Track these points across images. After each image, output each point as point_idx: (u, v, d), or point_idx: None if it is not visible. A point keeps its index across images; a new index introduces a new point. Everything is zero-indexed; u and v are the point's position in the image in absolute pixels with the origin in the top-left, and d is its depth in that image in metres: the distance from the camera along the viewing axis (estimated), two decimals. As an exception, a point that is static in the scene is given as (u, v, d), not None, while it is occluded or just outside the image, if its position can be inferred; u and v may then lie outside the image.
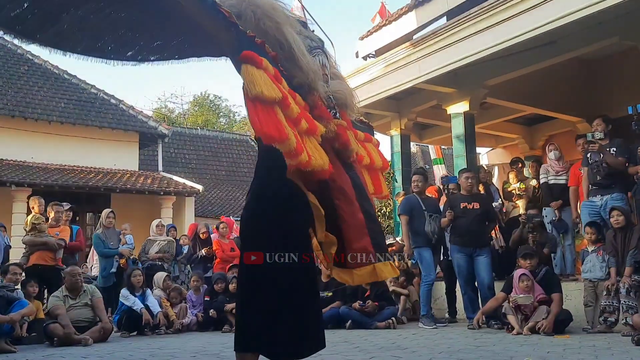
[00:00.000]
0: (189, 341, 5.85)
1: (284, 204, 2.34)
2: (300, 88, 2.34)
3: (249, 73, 2.01)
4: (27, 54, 17.82)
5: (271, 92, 1.99)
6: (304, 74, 2.34)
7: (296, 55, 2.33)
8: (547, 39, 6.79)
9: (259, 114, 1.99)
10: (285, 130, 2.00)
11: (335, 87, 2.66)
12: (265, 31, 2.33)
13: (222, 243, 8.53)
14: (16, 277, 6.14)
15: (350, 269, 2.36)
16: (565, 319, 5.58)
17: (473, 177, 6.75)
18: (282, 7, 2.49)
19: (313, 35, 2.65)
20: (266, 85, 2.00)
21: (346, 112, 2.72)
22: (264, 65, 2.07)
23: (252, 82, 1.99)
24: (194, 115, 35.31)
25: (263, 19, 2.34)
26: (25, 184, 13.49)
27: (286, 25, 2.37)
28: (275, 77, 2.12)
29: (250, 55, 2.06)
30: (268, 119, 1.99)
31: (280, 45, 2.34)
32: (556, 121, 10.19)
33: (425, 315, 6.58)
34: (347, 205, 2.36)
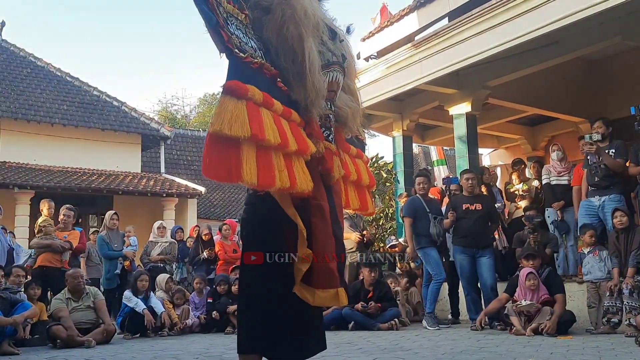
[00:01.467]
0: (192, 343, 5.85)
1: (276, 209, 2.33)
2: (299, 103, 2.31)
3: (221, 105, 1.95)
4: (29, 56, 17.89)
5: (236, 130, 1.91)
6: (306, 92, 2.29)
7: (305, 72, 2.27)
8: (549, 39, 6.79)
9: (212, 152, 1.94)
10: (240, 171, 1.94)
11: (342, 103, 2.62)
12: (285, 38, 2.27)
13: (225, 245, 8.54)
14: (19, 279, 6.15)
15: (314, 289, 2.31)
16: (569, 320, 5.57)
17: (474, 178, 6.74)
18: (315, 14, 2.38)
19: (338, 48, 2.57)
20: (234, 121, 1.92)
21: (343, 130, 2.70)
22: (249, 95, 2.00)
23: (217, 115, 1.93)
24: (200, 114, 35.33)
25: (289, 24, 2.26)
26: (28, 186, 13.52)
27: (309, 39, 2.29)
28: (263, 104, 2.07)
29: (233, 86, 1.98)
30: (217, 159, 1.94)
31: (293, 57, 2.28)
32: (558, 122, 10.18)
33: (430, 314, 6.56)
34: (322, 224, 2.34)
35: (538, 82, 8.52)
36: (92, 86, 17.92)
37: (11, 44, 17.96)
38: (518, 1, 6.44)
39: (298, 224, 2.28)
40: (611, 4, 5.62)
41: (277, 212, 2.32)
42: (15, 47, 17.95)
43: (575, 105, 9.29)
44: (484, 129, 10.12)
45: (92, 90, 17.74)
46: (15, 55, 17.74)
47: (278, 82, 2.25)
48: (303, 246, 2.29)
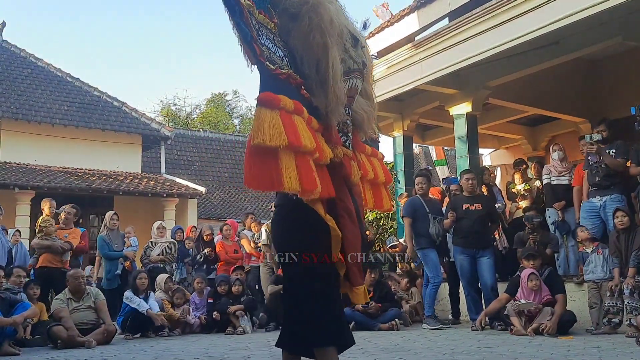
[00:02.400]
0: (193, 343, 5.86)
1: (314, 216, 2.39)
2: (318, 109, 2.38)
3: (258, 117, 2.05)
4: (30, 57, 17.90)
5: (274, 140, 2.01)
6: (327, 100, 2.36)
7: (328, 81, 2.33)
8: (549, 39, 6.79)
9: (254, 164, 2.04)
10: (282, 180, 2.04)
11: (358, 107, 2.69)
12: (310, 46, 2.33)
13: (226, 245, 8.54)
14: (20, 279, 6.15)
15: (353, 287, 2.50)
16: (569, 320, 5.57)
17: (474, 178, 6.74)
18: (340, 23, 2.44)
19: (359, 55, 2.63)
20: (272, 131, 2.02)
21: (359, 133, 2.78)
22: (281, 105, 2.10)
23: (257, 127, 2.03)
24: (204, 114, 35.33)
25: (315, 33, 2.32)
26: (29, 186, 13.53)
27: (333, 48, 2.35)
28: (295, 111, 2.16)
29: (267, 98, 2.08)
30: (261, 169, 2.04)
31: (317, 66, 2.35)
32: (559, 122, 10.18)
33: (430, 316, 6.58)
34: (350, 225, 2.43)
35: (538, 83, 8.52)
36: (93, 86, 17.92)
37: (12, 45, 17.97)
38: (518, 1, 6.44)
39: (332, 226, 2.35)
40: (611, 4, 5.62)
41: (311, 214, 2.37)
42: (15, 48, 17.96)
43: (576, 106, 9.29)
44: (485, 129, 10.12)
45: (92, 90, 17.74)
46: (16, 55, 17.75)
47: (302, 89, 2.33)
48: (337, 250, 2.39)
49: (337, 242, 2.38)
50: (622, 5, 5.66)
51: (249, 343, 5.67)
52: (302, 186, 2.08)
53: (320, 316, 2.45)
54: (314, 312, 2.45)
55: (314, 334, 2.45)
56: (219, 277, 7.62)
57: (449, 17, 7.72)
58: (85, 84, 17.87)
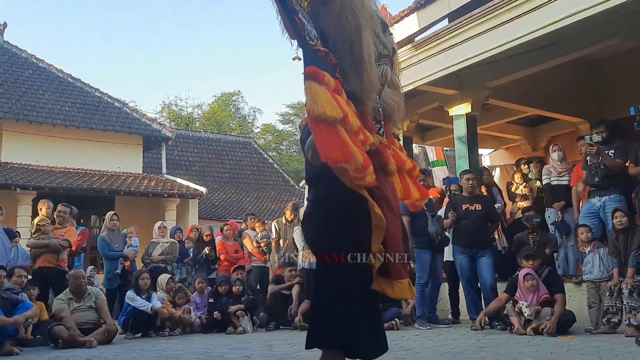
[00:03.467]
0: (193, 343, 5.88)
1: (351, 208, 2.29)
2: (352, 94, 2.30)
3: (312, 90, 1.99)
4: (31, 58, 17.93)
5: (333, 111, 1.96)
6: (361, 85, 2.29)
7: (363, 64, 2.27)
8: (549, 40, 6.80)
9: (324, 136, 1.95)
10: (351, 150, 1.96)
11: (387, 97, 2.62)
12: (343, 26, 2.27)
13: (226, 245, 8.56)
14: (21, 279, 6.17)
15: (392, 281, 2.35)
16: (569, 320, 5.58)
17: (474, 179, 6.76)
18: (370, 6, 2.40)
19: (388, 41, 2.58)
20: (329, 104, 1.96)
21: (389, 124, 2.70)
22: (326, 80, 2.05)
23: (314, 100, 1.96)
24: (208, 112, 35.36)
25: (347, 13, 2.25)
26: (30, 187, 13.56)
27: (367, 29, 2.30)
28: (336, 90, 2.10)
29: (313, 71, 2.03)
30: (332, 142, 1.95)
31: (351, 47, 2.28)
32: (558, 122, 10.19)
33: (420, 317, 6.62)
34: (391, 215, 2.34)
35: (538, 83, 8.53)
36: (94, 87, 17.96)
37: (13, 46, 18.00)
38: (518, 2, 6.46)
39: (377, 213, 2.22)
40: (611, 4, 5.64)
41: (349, 210, 2.28)
42: (17, 49, 17.99)
43: (575, 106, 9.30)
44: (484, 129, 10.13)
45: (93, 91, 17.78)
46: (17, 56, 17.78)
47: (337, 72, 2.25)
48: (379, 239, 2.27)
49: (381, 232, 2.27)
50: (621, 6, 5.67)
51: (250, 343, 5.69)
52: (364, 162, 2.00)
53: (330, 317, 2.36)
54: (325, 313, 2.38)
55: (317, 334, 2.38)
56: (220, 277, 7.64)
57: (449, 18, 7.73)
58: (87, 85, 17.91)
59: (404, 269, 2.40)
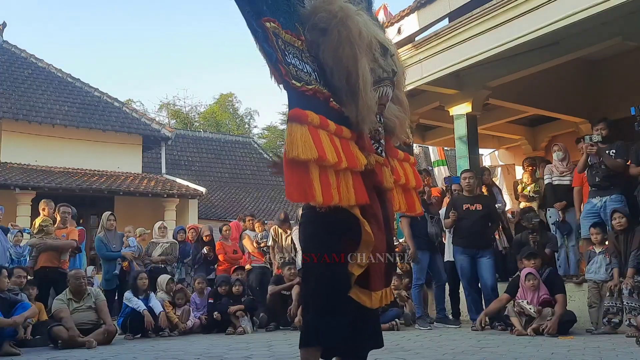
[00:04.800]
0: (193, 343, 5.86)
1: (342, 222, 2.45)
2: (350, 119, 2.46)
3: (291, 133, 2.14)
4: (30, 57, 17.92)
5: (307, 153, 2.12)
6: (358, 110, 2.42)
7: (359, 92, 2.40)
8: (549, 39, 6.79)
9: (293, 177, 2.14)
10: (313, 192, 2.15)
11: (390, 114, 2.77)
12: (340, 58, 2.40)
13: (225, 245, 8.55)
14: (20, 280, 6.16)
15: (371, 292, 2.51)
16: (570, 320, 5.58)
17: (472, 177, 6.74)
18: (368, 34, 2.51)
19: (389, 63, 2.69)
20: (304, 145, 2.12)
21: (391, 139, 2.86)
22: (309, 120, 2.20)
23: (291, 143, 2.12)
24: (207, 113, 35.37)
25: (344, 45, 2.39)
26: (29, 187, 13.55)
27: (363, 59, 2.42)
28: (320, 126, 2.25)
29: (296, 114, 2.18)
30: (298, 182, 2.14)
31: (347, 77, 2.42)
32: (559, 122, 10.18)
33: (420, 317, 6.62)
34: (377, 232, 2.50)
35: (538, 83, 8.52)
36: (93, 87, 17.95)
37: (12, 45, 17.99)
38: (518, 2, 6.44)
39: (366, 230, 2.42)
40: (611, 4, 5.62)
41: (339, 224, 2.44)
42: (16, 49, 17.98)
43: (576, 106, 9.29)
44: (485, 129, 10.12)
45: (93, 91, 17.77)
46: (17, 56, 17.77)
47: (331, 102, 2.41)
48: (366, 254, 2.45)
49: (369, 247, 2.45)
50: (622, 6, 5.66)
51: (250, 343, 5.68)
52: (323, 200, 2.18)
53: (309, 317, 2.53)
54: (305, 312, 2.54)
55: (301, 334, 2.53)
56: (220, 278, 7.62)
57: (449, 18, 7.72)
58: (86, 85, 17.90)
59: (382, 281, 2.59)
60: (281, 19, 2.29)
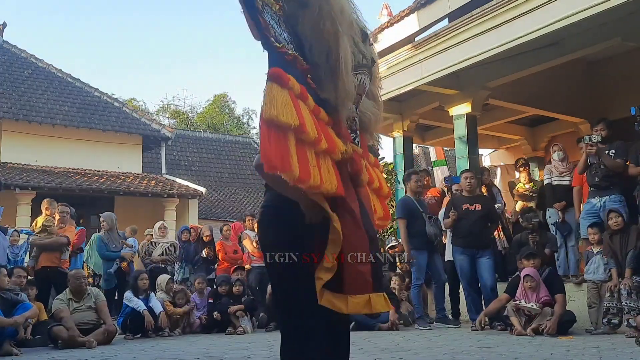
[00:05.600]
0: (193, 343, 5.87)
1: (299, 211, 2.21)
2: (326, 102, 2.24)
3: (270, 92, 1.91)
4: (31, 57, 17.91)
5: (288, 117, 1.88)
6: (336, 93, 2.23)
7: (338, 71, 2.21)
8: (549, 40, 6.80)
9: (270, 139, 1.89)
10: (290, 162, 1.89)
11: (365, 108, 2.57)
12: (320, 33, 2.21)
13: (225, 245, 8.56)
14: (20, 279, 6.16)
15: (346, 296, 2.18)
16: (569, 320, 5.58)
17: (472, 177, 6.74)
18: (351, 12, 2.37)
19: (368, 51, 2.52)
20: (285, 108, 1.89)
21: (365, 136, 2.65)
22: (290, 84, 1.98)
23: (270, 102, 1.89)
24: (203, 114, 35.36)
25: (325, 20, 2.20)
26: (29, 187, 13.54)
27: (344, 37, 2.25)
28: (300, 96, 2.03)
29: (277, 73, 1.96)
30: (275, 147, 1.89)
31: (327, 54, 2.22)
32: (559, 122, 10.18)
33: (420, 317, 6.63)
34: (356, 229, 2.23)
35: (538, 83, 8.53)
36: (93, 87, 17.94)
37: (12, 45, 17.99)
38: (518, 2, 6.45)
39: (332, 218, 2.11)
40: (611, 4, 5.63)
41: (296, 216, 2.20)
42: (16, 49, 17.98)
43: (575, 106, 9.30)
44: (484, 129, 10.12)
45: (93, 91, 17.76)
46: (17, 56, 17.76)
47: (308, 78, 2.19)
48: (334, 254, 2.15)
49: (336, 245, 2.15)
50: (621, 6, 5.67)
51: (250, 343, 5.68)
52: (300, 175, 1.90)
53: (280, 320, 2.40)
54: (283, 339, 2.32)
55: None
56: (220, 277, 7.63)
57: (449, 18, 7.73)
58: (86, 85, 17.89)
59: (365, 283, 2.22)
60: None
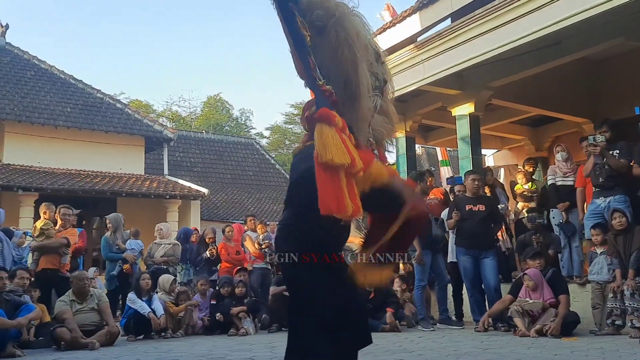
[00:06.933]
0: (195, 345, 5.86)
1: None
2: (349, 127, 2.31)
3: (322, 134, 2.00)
4: (33, 59, 17.94)
5: (341, 158, 1.98)
6: (356, 118, 2.29)
7: (357, 98, 2.27)
8: (552, 39, 6.77)
9: (327, 183, 1.97)
10: (345, 203, 1.98)
11: (377, 125, 2.62)
12: (340, 60, 2.25)
13: (228, 246, 8.55)
14: (23, 281, 6.16)
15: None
16: (573, 321, 5.56)
17: (479, 179, 6.73)
18: (365, 35, 2.38)
19: (380, 71, 2.55)
20: (337, 149, 1.98)
21: (380, 149, 2.71)
22: (336, 122, 2.06)
23: (324, 145, 1.98)
24: (202, 116, 35.43)
25: (343, 47, 2.24)
26: (32, 188, 13.57)
27: (362, 63, 2.28)
28: (342, 129, 2.10)
29: (325, 114, 2.05)
30: (332, 192, 1.98)
31: (346, 82, 2.26)
32: (562, 122, 10.15)
33: (423, 319, 6.61)
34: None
35: (541, 83, 8.50)
36: (96, 88, 17.97)
37: (15, 47, 18.02)
38: (521, 2, 6.43)
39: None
40: (614, 4, 5.61)
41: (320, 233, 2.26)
42: (19, 50, 18.01)
43: (579, 106, 9.27)
44: (487, 129, 10.10)
45: (95, 92, 17.79)
46: (19, 57, 17.80)
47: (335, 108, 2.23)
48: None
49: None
50: (624, 6, 5.64)
51: (252, 344, 5.67)
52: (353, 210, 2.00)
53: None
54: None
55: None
56: (222, 279, 7.62)
57: (452, 18, 7.71)
58: (88, 86, 17.92)
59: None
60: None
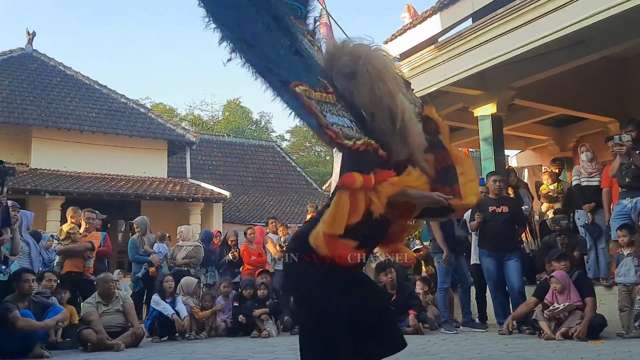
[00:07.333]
0: (219, 346, 5.91)
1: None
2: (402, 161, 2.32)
3: (337, 204, 2.12)
4: (59, 65, 18.33)
5: (337, 229, 2.10)
6: (409, 150, 2.31)
7: (409, 129, 2.29)
8: (575, 38, 6.67)
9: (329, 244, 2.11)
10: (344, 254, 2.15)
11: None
12: (378, 98, 2.27)
13: (250, 248, 8.61)
14: (51, 283, 6.29)
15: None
16: (600, 324, 5.46)
17: (502, 181, 6.66)
18: (392, 67, 2.41)
19: (414, 99, 2.59)
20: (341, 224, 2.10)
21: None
22: (357, 185, 2.12)
23: (333, 217, 2.10)
24: (224, 120, 35.71)
25: (377, 83, 2.27)
26: (59, 192, 13.84)
27: (399, 94, 2.31)
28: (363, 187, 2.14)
29: (346, 181, 2.13)
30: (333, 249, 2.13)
31: (391, 117, 2.28)
32: (587, 122, 9.99)
33: (446, 321, 6.56)
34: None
35: (565, 82, 8.38)
36: (120, 94, 18.27)
37: (41, 54, 18.43)
38: (542, 1, 6.35)
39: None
40: (637, 2, 5.50)
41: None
42: (45, 57, 18.41)
43: (604, 105, 9.11)
44: (510, 130, 9.99)
45: (119, 97, 18.09)
46: (46, 64, 18.19)
47: (379, 151, 2.25)
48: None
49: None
50: (648, 4, 5.54)
51: (274, 347, 5.70)
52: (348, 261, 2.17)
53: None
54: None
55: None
56: (245, 281, 7.67)
57: (473, 18, 7.65)
58: (113, 92, 18.23)
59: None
60: (304, 78, 2.14)
